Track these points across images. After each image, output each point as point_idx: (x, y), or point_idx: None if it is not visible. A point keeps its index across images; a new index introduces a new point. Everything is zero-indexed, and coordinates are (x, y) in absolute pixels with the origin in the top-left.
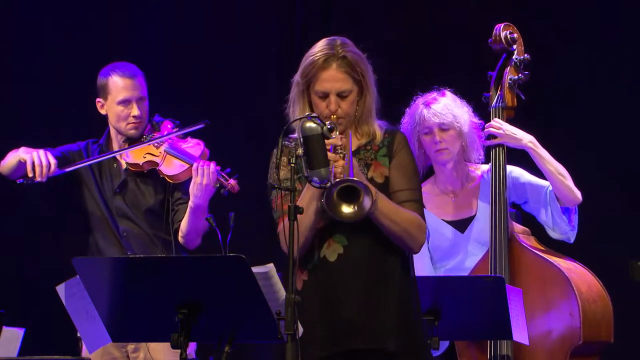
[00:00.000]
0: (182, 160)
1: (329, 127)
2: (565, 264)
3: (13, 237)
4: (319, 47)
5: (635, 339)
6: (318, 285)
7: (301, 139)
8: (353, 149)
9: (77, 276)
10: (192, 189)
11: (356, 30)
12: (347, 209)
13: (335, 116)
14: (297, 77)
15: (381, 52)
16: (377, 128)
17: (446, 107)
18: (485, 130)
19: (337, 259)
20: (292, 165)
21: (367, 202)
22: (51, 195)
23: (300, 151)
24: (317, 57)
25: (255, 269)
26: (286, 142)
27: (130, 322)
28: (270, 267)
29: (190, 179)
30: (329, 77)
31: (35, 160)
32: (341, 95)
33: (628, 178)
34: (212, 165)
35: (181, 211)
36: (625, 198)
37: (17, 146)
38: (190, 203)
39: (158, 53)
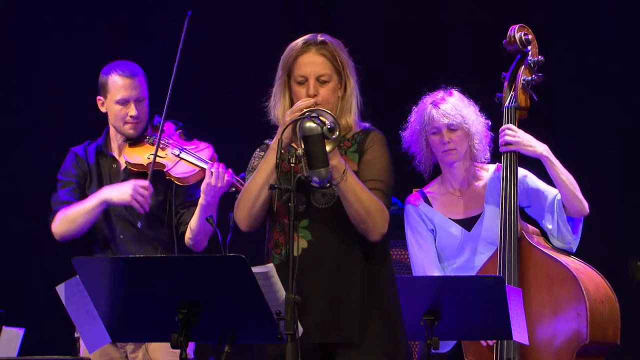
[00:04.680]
0: (193, 163)
1: (329, 127)
2: (574, 264)
3: (13, 237)
4: (300, 38)
5: (637, 340)
6: (284, 281)
7: (301, 139)
8: None
9: (77, 276)
10: (205, 188)
11: (357, 30)
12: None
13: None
14: (278, 71)
15: (382, 52)
16: (354, 124)
17: (455, 108)
18: (500, 138)
19: (301, 254)
20: (292, 165)
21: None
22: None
23: (300, 151)
24: (296, 44)
25: (255, 269)
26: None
27: (130, 322)
28: (270, 267)
29: (198, 182)
30: (307, 60)
31: None
32: (320, 80)
33: (629, 178)
34: (229, 172)
35: (187, 214)
36: (626, 198)
37: (18, 147)
38: (201, 200)
39: (159, 54)
